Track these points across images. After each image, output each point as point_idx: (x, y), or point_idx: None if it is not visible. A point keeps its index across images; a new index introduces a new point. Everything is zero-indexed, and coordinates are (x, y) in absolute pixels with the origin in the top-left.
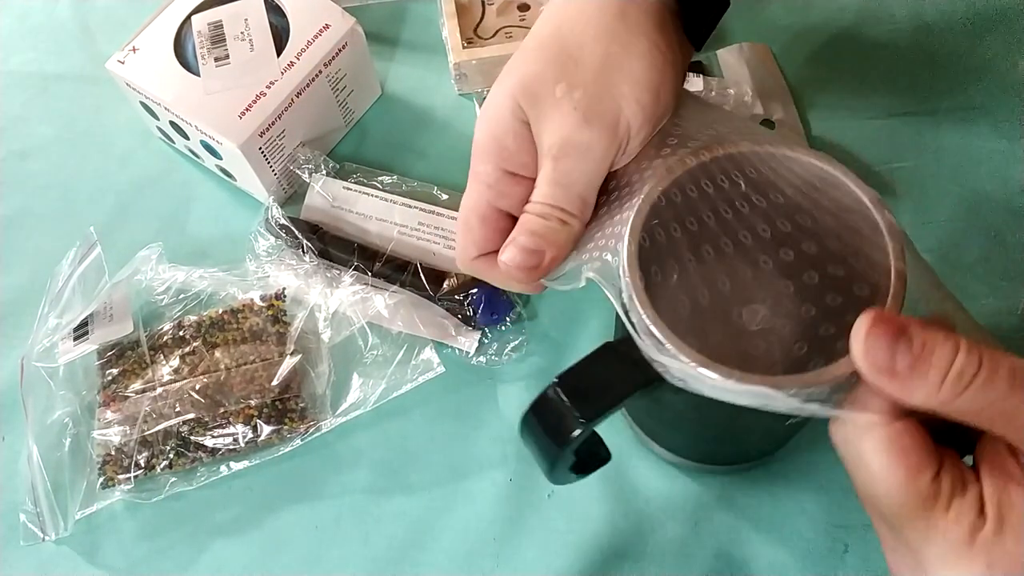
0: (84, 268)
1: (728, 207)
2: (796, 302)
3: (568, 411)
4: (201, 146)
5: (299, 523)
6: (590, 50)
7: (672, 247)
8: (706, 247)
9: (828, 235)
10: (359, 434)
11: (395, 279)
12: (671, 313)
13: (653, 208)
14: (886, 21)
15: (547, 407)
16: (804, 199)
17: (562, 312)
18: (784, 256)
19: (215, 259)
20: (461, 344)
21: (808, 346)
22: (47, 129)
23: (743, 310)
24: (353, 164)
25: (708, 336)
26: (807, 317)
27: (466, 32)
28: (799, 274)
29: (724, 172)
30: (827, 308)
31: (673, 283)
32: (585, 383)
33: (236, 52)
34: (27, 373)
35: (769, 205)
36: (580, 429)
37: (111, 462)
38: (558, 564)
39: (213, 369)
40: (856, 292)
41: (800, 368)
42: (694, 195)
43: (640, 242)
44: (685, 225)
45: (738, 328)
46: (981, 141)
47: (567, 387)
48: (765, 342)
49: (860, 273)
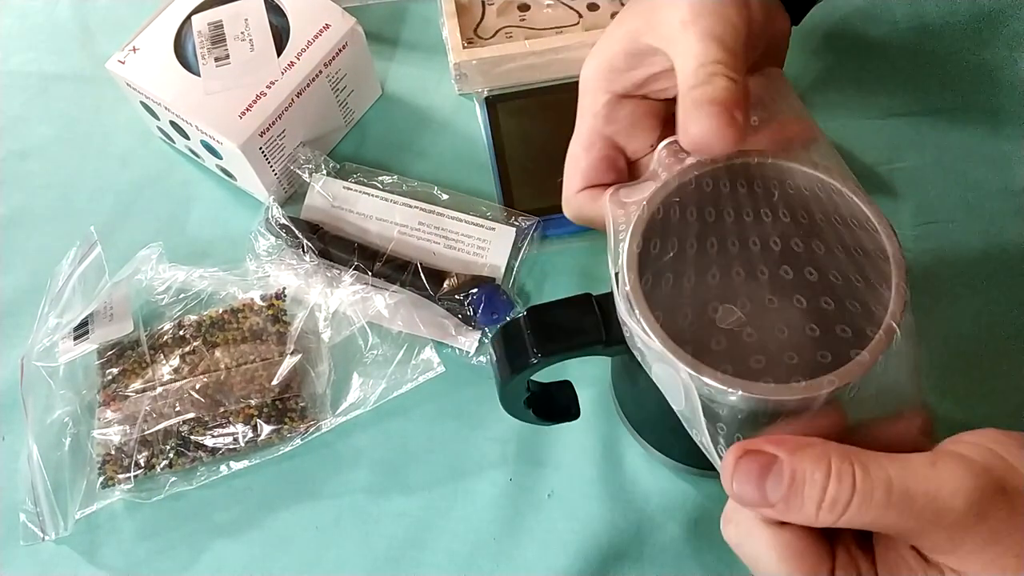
0: (84, 268)
1: (751, 212)
2: (775, 319)
3: (528, 342)
4: (201, 146)
5: (299, 523)
6: None
7: (681, 227)
8: (712, 239)
9: (833, 266)
10: (359, 434)
11: (395, 279)
12: (654, 285)
13: (681, 185)
14: (886, 21)
15: (512, 332)
16: (828, 228)
17: None
18: (783, 274)
19: (215, 259)
20: (461, 344)
21: (767, 361)
22: (47, 129)
23: (720, 306)
24: (353, 164)
25: (677, 317)
26: (779, 338)
27: (466, 32)
28: (788, 294)
29: (764, 179)
30: (803, 337)
31: (667, 259)
32: (552, 321)
33: (236, 52)
34: (27, 373)
35: (792, 223)
36: (534, 361)
37: (111, 461)
38: (558, 564)
39: (213, 369)
40: (838, 333)
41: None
42: (725, 190)
43: (654, 212)
44: (703, 213)
45: (707, 321)
46: (981, 141)
47: (534, 320)
48: (728, 343)
49: (850, 314)
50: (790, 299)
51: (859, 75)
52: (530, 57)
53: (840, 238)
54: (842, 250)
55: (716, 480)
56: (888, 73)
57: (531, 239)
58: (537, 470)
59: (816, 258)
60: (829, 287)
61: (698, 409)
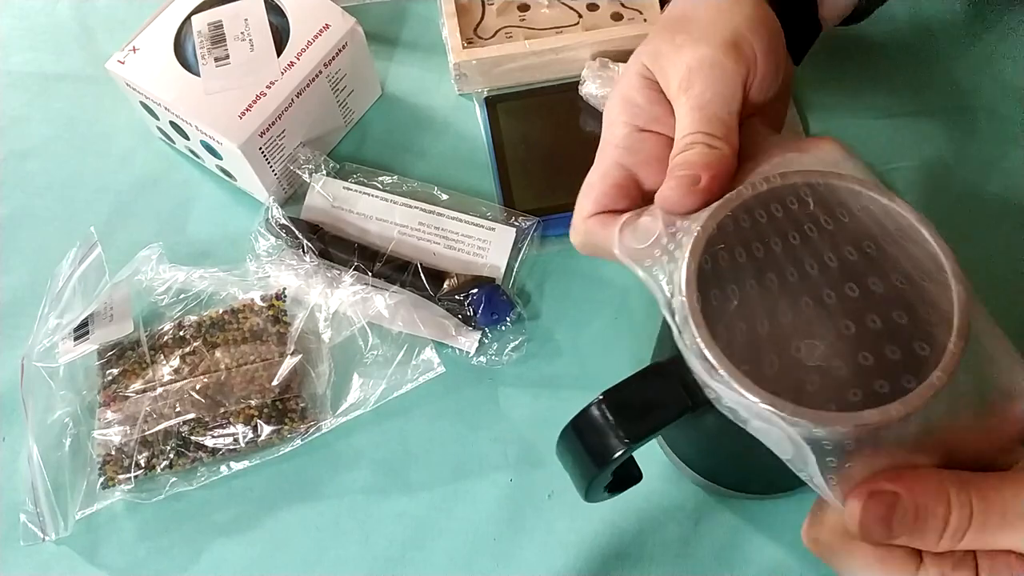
0: (84, 268)
1: (796, 232)
2: (855, 346)
3: (612, 429)
4: (201, 146)
5: (299, 523)
6: (704, 10)
7: (735, 271)
8: (770, 275)
9: (895, 271)
10: (359, 434)
11: (395, 279)
12: (727, 339)
13: (720, 229)
14: (886, 21)
15: (590, 424)
16: (875, 228)
17: (563, 313)
18: (849, 292)
19: (215, 259)
20: (461, 344)
21: (863, 394)
22: (47, 129)
23: (802, 344)
24: (353, 164)
25: (763, 366)
26: (864, 365)
27: (466, 32)
28: (862, 316)
29: (795, 194)
30: (885, 360)
31: (732, 308)
32: (632, 402)
33: (236, 52)
34: (27, 373)
35: (837, 228)
36: (623, 449)
37: (111, 462)
38: (558, 564)
39: (213, 369)
40: (917, 351)
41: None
42: (763, 220)
43: (701, 263)
44: (751, 250)
45: (795, 362)
46: (981, 141)
47: (613, 404)
48: (821, 379)
49: (923, 323)
50: (863, 321)
51: (859, 75)
52: (530, 57)
53: (887, 235)
54: (893, 244)
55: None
56: (888, 73)
57: (531, 239)
58: (537, 471)
59: (874, 262)
60: (897, 294)
61: (809, 455)
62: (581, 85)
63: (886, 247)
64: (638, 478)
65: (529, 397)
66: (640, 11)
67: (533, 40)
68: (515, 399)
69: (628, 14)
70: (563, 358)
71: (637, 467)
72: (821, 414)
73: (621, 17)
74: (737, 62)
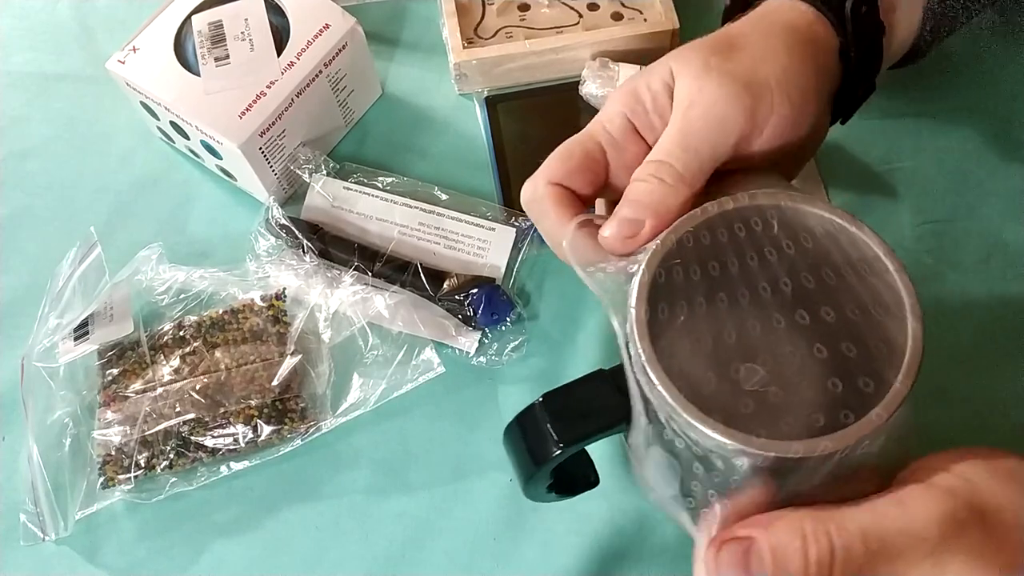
0: (84, 268)
1: (755, 253)
2: (797, 374)
3: (548, 432)
4: (201, 146)
5: (299, 523)
6: (751, 48)
7: (687, 287)
8: (721, 294)
9: (851, 302)
10: (359, 434)
11: (395, 279)
12: (670, 354)
13: (679, 245)
14: None
15: (530, 423)
16: (837, 256)
17: (562, 312)
18: (799, 319)
19: (215, 259)
20: (461, 344)
21: (796, 424)
22: (47, 129)
23: (742, 367)
24: (353, 164)
25: (700, 384)
26: (803, 396)
27: (466, 32)
28: (809, 344)
29: (760, 215)
30: (826, 392)
31: (678, 324)
32: (569, 406)
33: (236, 52)
34: (27, 373)
35: (798, 253)
36: (557, 451)
37: (111, 462)
38: (558, 564)
39: (213, 369)
40: (861, 386)
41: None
42: (724, 239)
43: (655, 277)
44: (706, 268)
45: (732, 383)
46: (981, 141)
47: (551, 407)
48: (756, 404)
49: (872, 359)
50: (809, 350)
51: None
52: (530, 57)
53: (847, 261)
54: (853, 274)
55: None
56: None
57: (531, 239)
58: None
59: (830, 291)
60: (849, 326)
61: (718, 473)
62: (581, 85)
63: (846, 276)
64: (594, 483)
65: (529, 397)
66: (640, 11)
67: (533, 40)
68: (515, 399)
69: (628, 14)
70: (563, 358)
71: (594, 472)
72: (749, 438)
73: (621, 17)
74: (744, 115)
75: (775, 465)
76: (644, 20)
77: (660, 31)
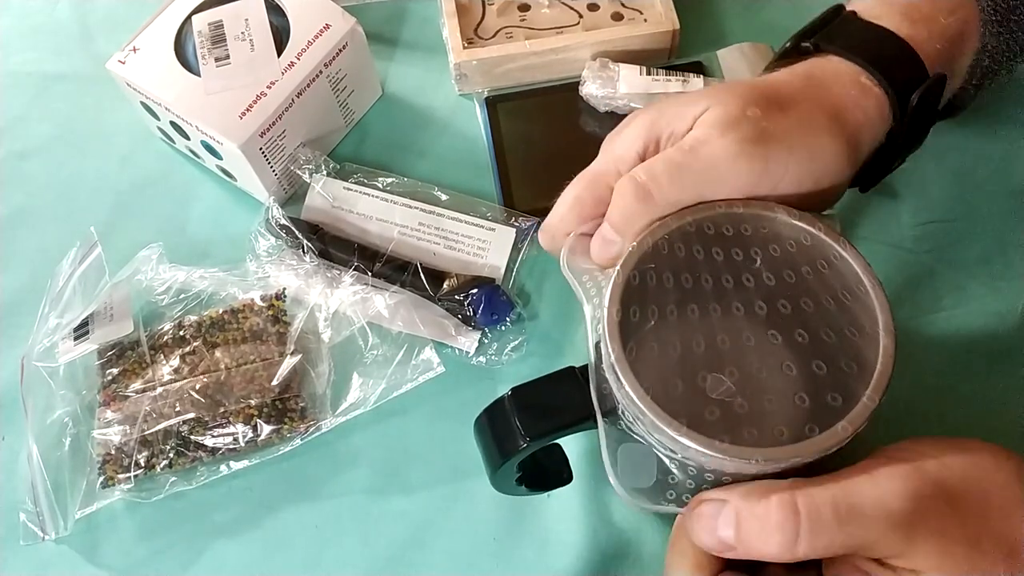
0: (84, 268)
1: (731, 278)
2: (760, 389)
3: (515, 425)
4: (201, 146)
5: (299, 523)
6: (799, 107)
7: (659, 293)
8: (692, 306)
9: (825, 325)
10: (359, 434)
11: (395, 279)
12: (639, 357)
13: (654, 248)
14: None
15: (499, 415)
16: (815, 282)
17: (562, 312)
18: (771, 339)
19: (215, 259)
20: (461, 344)
21: (758, 433)
22: (47, 129)
23: (708, 376)
24: (353, 164)
25: (667, 387)
26: (767, 408)
27: (466, 32)
28: (777, 361)
29: (743, 247)
30: (791, 407)
31: (648, 327)
32: (537, 402)
33: (236, 52)
34: (27, 373)
35: (772, 268)
36: (523, 445)
37: (111, 461)
38: (558, 564)
39: (213, 369)
40: (828, 402)
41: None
42: (700, 256)
43: (629, 279)
44: (680, 279)
45: (698, 391)
46: (981, 141)
47: (519, 401)
48: (721, 412)
49: (841, 374)
50: (779, 367)
51: None
52: (530, 57)
53: (825, 287)
54: (830, 295)
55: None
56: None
57: (531, 240)
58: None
59: (805, 316)
60: (821, 347)
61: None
62: (581, 85)
63: (822, 298)
64: (567, 480)
65: None
66: (640, 11)
67: (533, 40)
68: None
69: (628, 14)
70: (562, 358)
71: (568, 470)
72: (712, 442)
73: (621, 17)
74: (756, 175)
75: (740, 469)
76: (644, 20)
77: (660, 31)
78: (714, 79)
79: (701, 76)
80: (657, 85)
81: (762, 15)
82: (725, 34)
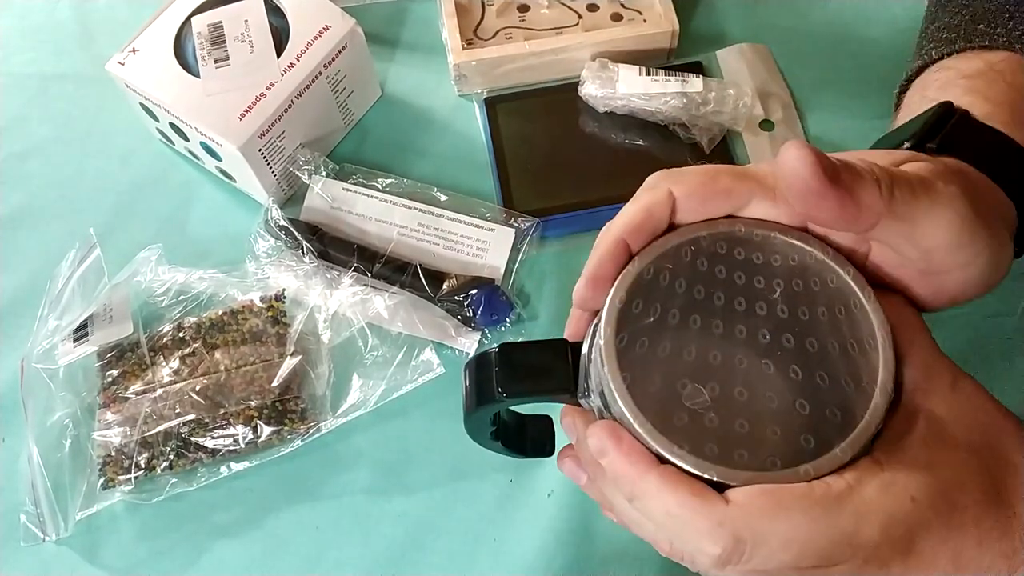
0: (84, 269)
1: (745, 301)
2: (736, 413)
3: (494, 378)
4: (201, 147)
5: (299, 523)
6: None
7: (667, 295)
8: (696, 316)
9: (821, 368)
10: (359, 435)
11: (395, 280)
12: (628, 345)
13: (678, 251)
14: (886, 21)
15: (484, 365)
16: (827, 325)
17: (562, 312)
18: (764, 367)
19: (215, 260)
20: (461, 345)
21: (719, 451)
22: (47, 129)
23: (689, 384)
24: (353, 165)
25: (644, 382)
26: (739, 432)
27: (466, 33)
28: (763, 389)
29: (767, 277)
30: (764, 434)
31: (646, 323)
32: (521, 362)
33: (236, 53)
34: (27, 375)
35: (790, 319)
36: (496, 398)
37: (111, 463)
38: (558, 564)
39: (213, 370)
40: (802, 443)
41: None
42: (720, 275)
43: (643, 271)
44: (692, 288)
45: (673, 394)
46: None
47: (504, 357)
48: (689, 420)
49: (823, 422)
50: (763, 395)
51: (859, 75)
52: (530, 58)
53: (836, 335)
54: (836, 348)
55: None
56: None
57: (530, 240)
58: (537, 470)
59: (806, 357)
60: (810, 389)
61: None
62: (581, 86)
63: (827, 344)
64: (547, 453)
65: None
66: (640, 12)
67: (533, 41)
68: None
69: (628, 14)
70: None
71: (551, 444)
72: (671, 446)
73: (621, 18)
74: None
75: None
76: (644, 21)
77: (659, 32)
78: (714, 79)
79: (700, 76)
80: (656, 85)
81: (761, 15)
82: (724, 34)
